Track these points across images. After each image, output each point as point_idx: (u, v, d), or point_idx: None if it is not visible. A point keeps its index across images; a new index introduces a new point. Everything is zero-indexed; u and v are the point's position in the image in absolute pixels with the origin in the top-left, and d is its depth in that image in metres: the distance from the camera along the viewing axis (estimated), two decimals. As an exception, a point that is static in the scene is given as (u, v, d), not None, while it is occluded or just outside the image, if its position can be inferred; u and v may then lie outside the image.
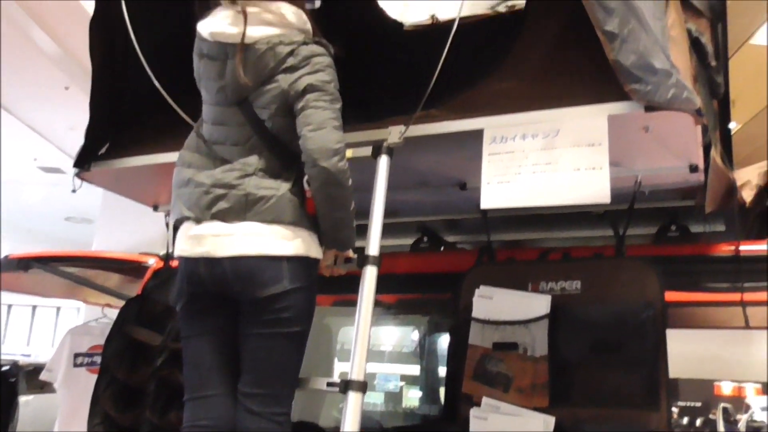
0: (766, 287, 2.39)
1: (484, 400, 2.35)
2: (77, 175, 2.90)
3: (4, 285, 4.17)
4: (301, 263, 2.08)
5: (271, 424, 2.05)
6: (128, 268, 3.80)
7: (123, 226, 7.51)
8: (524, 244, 3.03)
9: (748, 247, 2.42)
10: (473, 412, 2.35)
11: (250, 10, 2.08)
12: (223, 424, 2.10)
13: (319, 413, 3.63)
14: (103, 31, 2.71)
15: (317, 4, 2.25)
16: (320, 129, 2.03)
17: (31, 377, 9.94)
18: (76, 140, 8.71)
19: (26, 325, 16.23)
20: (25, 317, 16.21)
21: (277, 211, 2.07)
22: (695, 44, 2.45)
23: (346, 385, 2.01)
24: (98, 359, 4.52)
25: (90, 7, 5.48)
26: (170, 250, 3.28)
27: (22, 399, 9.22)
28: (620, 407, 2.25)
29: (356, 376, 2.01)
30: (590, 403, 2.28)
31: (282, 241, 2.06)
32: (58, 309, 15.95)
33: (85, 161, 2.86)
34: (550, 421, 2.24)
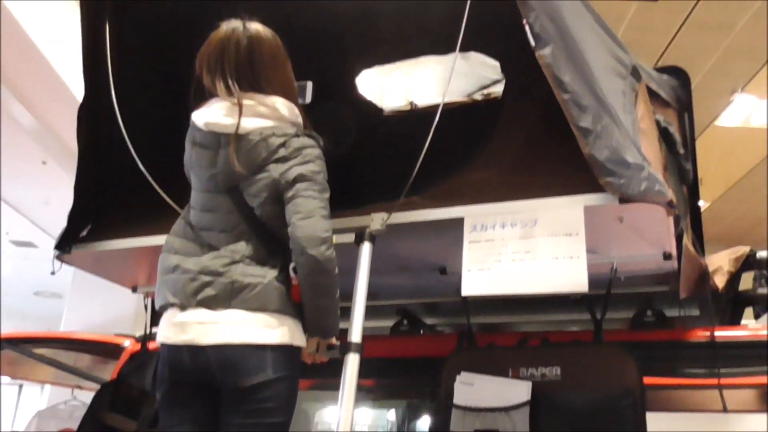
0: (741, 373, 2.44)
1: (467, 490, 2.35)
2: (57, 257, 2.90)
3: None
4: (285, 352, 2.09)
5: None
6: (102, 349, 3.74)
7: (93, 301, 7.41)
8: (503, 327, 3.06)
9: (722, 333, 2.48)
10: (456, 502, 2.34)
11: (245, 102, 2.14)
12: None
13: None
14: (91, 118, 2.76)
15: (308, 99, 2.33)
16: (309, 218, 2.07)
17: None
18: (50, 215, 8.64)
19: (-12, 403, 15.66)
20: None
21: (263, 299, 2.09)
22: (664, 134, 2.56)
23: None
24: (65, 442, 4.44)
25: (70, 84, 5.60)
26: (148, 332, 3.27)
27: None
28: (603, 495, 2.25)
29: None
30: (572, 492, 2.28)
31: (267, 329, 2.07)
32: (21, 387, 15.48)
33: (66, 244, 2.86)
34: None
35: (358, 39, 2.87)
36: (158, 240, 2.61)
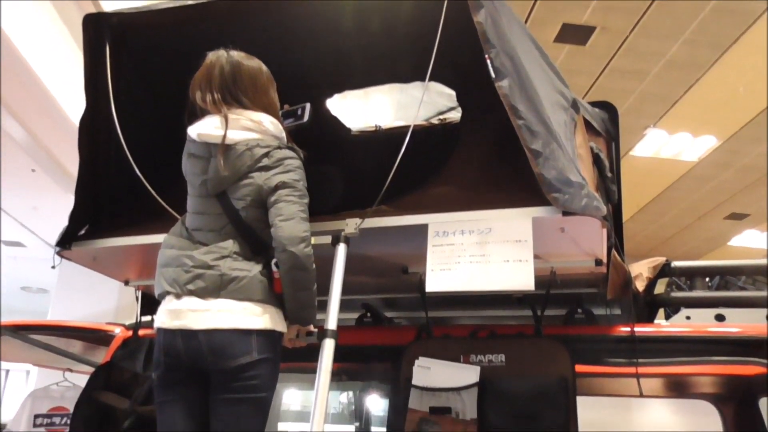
0: (655, 363, 2.52)
1: (423, 459, 2.37)
2: (58, 253, 2.84)
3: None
4: (268, 337, 2.10)
5: (239, 480, 2.02)
6: (93, 336, 3.66)
7: (78, 296, 7.26)
8: (456, 321, 3.09)
9: (641, 329, 2.56)
10: (413, 471, 2.36)
11: (231, 116, 2.17)
12: (194, 483, 2.05)
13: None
14: (92, 130, 2.73)
15: (306, 119, 2.36)
16: (290, 220, 2.09)
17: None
18: (39, 219, 8.46)
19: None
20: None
21: (249, 290, 2.09)
22: (596, 159, 2.63)
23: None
24: (57, 420, 4.32)
25: (59, 100, 5.52)
26: (138, 320, 3.22)
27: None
28: (539, 467, 2.30)
29: (316, 438, 2.01)
30: (513, 463, 2.32)
31: (252, 317, 2.08)
32: (7, 372, 14.94)
33: (66, 241, 2.82)
34: (480, 478, 2.28)
35: (332, 69, 2.90)
36: (149, 239, 2.61)
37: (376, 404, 3.90)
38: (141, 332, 3.14)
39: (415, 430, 2.42)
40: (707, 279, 2.79)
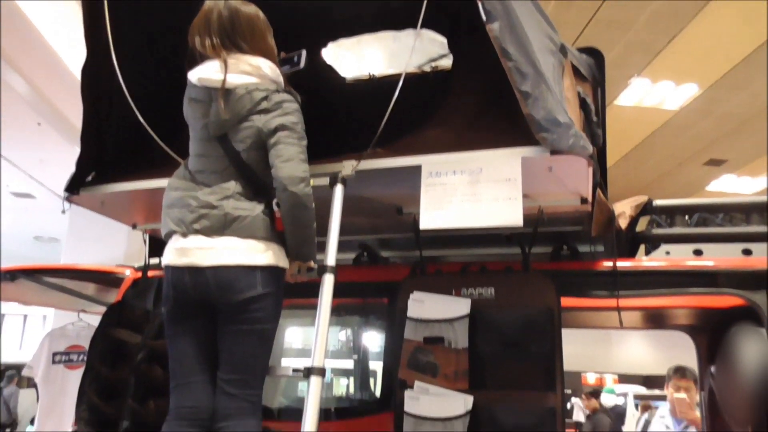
0: (636, 294, 2.56)
1: (416, 384, 2.42)
2: (67, 198, 2.84)
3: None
4: (271, 272, 2.12)
5: (246, 403, 2.07)
6: (105, 278, 3.69)
7: (88, 244, 7.28)
8: (448, 260, 3.12)
9: (622, 263, 2.59)
10: (407, 393, 2.41)
11: (230, 61, 2.15)
12: (205, 406, 2.10)
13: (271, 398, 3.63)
14: (94, 77, 2.68)
15: (302, 65, 2.32)
16: (290, 161, 2.09)
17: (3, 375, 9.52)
18: (46, 171, 8.44)
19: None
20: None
21: (252, 229, 2.10)
22: (583, 103, 2.62)
23: (308, 371, 2.05)
24: (74, 357, 4.39)
25: (61, 54, 5.42)
26: (147, 263, 3.24)
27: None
28: (525, 389, 2.36)
29: (317, 363, 2.05)
30: (502, 387, 2.38)
31: (256, 253, 2.09)
32: (25, 317, 15.10)
33: (74, 187, 2.81)
34: (470, 400, 2.34)
35: (325, 17, 2.85)
36: (154, 184, 2.60)
37: (373, 337, 3.98)
38: (150, 273, 3.16)
39: (410, 358, 2.47)
40: (687, 217, 2.80)
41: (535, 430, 2.28)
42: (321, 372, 2.05)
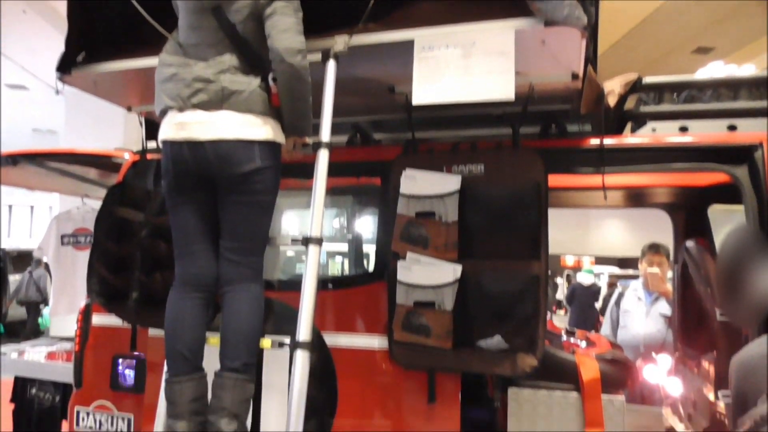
0: (620, 170, 2.55)
1: (409, 255, 2.46)
2: (60, 78, 2.74)
3: (-3, 178, 3.95)
4: (269, 146, 2.09)
5: (248, 269, 2.11)
6: (105, 162, 3.65)
7: (85, 133, 7.19)
8: (440, 141, 3.08)
9: (609, 140, 2.56)
10: (400, 264, 2.45)
11: None
12: (208, 273, 2.14)
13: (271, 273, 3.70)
14: None
15: None
16: (287, 32, 2.01)
17: (16, 261, 9.70)
18: (37, 61, 8.19)
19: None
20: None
21: (250, 103, 2.05)
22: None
23: (306, 240, 2.06)
24: (82, 239, 4.43)
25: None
26: (144, 145, 3.19)
27: (10, 278, 9.06)
28: (511, 259, 2.39)
29: (314, 233, 2.07)
30: (489, 257, 2.40)
31: (254, 127, 2.05)
32: (32, 207, 15.17)
33: (66, 66, 2.70)
34: (458, 268, 2.38)
35: None
36: (146, 62, 2.51)
37: (367, 219, 4.01)
38: (148, 156, 3.12)
39: (403, 231, 2.50)
40: (675, 95, 2.74)
41: (520, 296, 2.33)
42: (318, 241, 2.07)
